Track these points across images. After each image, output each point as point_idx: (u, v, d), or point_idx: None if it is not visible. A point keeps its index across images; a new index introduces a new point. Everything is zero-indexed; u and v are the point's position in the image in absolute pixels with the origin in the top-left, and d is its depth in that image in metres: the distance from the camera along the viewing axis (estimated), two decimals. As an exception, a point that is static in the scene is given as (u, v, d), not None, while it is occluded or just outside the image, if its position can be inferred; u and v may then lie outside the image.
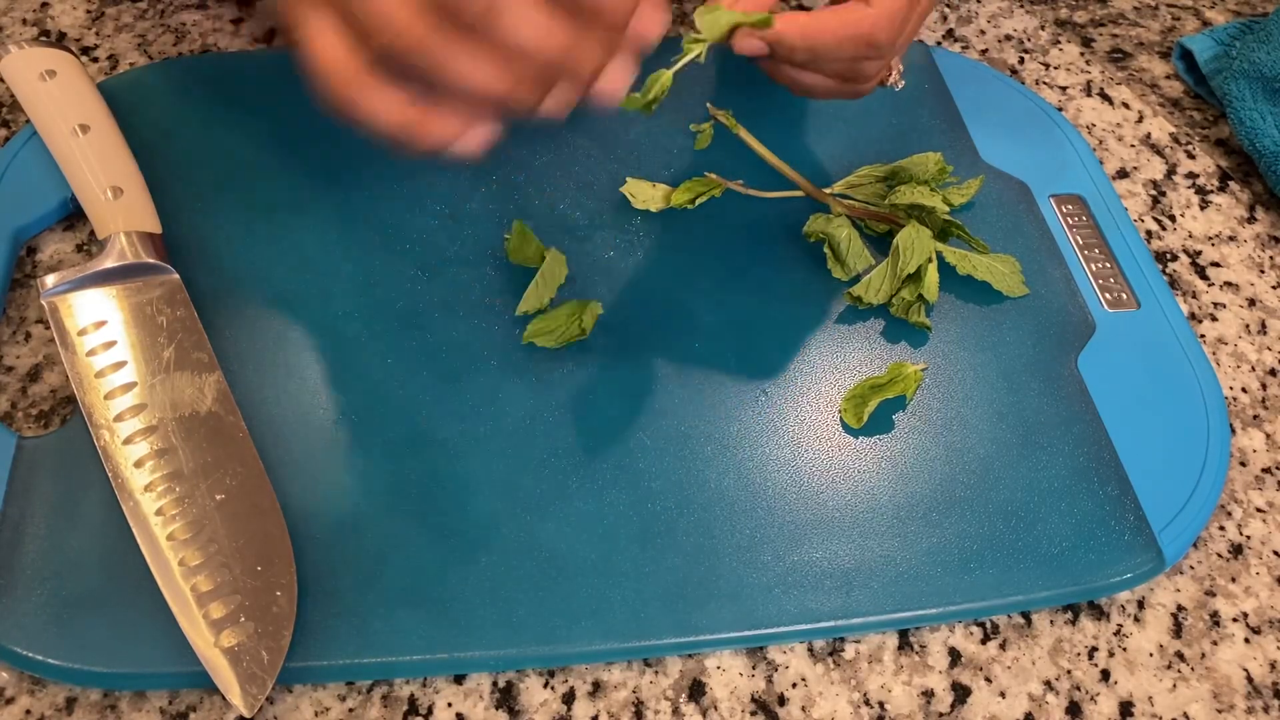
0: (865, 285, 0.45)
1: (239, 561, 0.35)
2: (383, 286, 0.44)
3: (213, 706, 0.35)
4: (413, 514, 0.38)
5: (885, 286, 0.44)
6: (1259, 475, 0.43)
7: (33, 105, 0.46)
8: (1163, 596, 0.40)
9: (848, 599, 0.37)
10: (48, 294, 0.41)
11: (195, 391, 0.39)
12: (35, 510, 0.37)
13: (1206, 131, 0.56)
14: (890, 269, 0.44)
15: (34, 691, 0.35)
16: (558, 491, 0.39)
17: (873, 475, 0.40)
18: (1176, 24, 0.62)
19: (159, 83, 0.50)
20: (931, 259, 0.44)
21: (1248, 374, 0.47)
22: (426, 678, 0.36)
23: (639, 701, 0.36)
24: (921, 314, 0.44)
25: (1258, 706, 0.38)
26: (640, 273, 0.46)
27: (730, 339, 0.44)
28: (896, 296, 0.44)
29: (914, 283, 0.44)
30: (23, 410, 0.41)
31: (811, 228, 0.46)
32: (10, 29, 0.54)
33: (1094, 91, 0.58)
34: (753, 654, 0.37)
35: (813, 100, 0.53)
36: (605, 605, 0.36)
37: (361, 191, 0.47)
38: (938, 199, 0.46)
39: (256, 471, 0.38)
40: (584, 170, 0.49)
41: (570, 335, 0.42)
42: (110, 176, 0.44)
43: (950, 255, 0.45)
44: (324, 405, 0.40)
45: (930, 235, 0.44)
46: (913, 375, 0.43)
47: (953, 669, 0.38)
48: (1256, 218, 0.53)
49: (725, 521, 0.39)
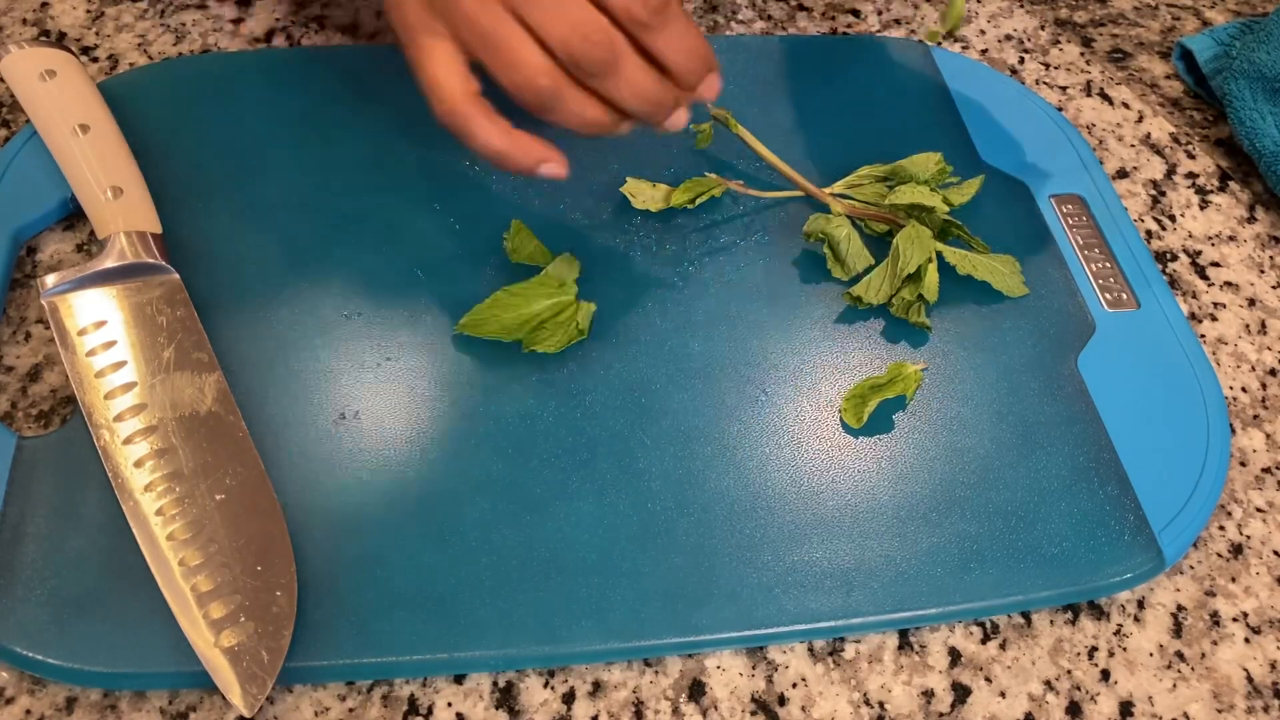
0: (865, 285, 0.45)
1: (239, 561, 0.35)
2: (383, 286, 0.44)
3: (213, 706, 0.35)
4: (413, 514, 0.38)
5: (885, 286, 0.44)
6: (1259, 475, 0.43)
7: (33, 105, 0.46)
8: (1163, 596, 0.40)
9: (848, 599, 0.37)
10: (48, 294, 0.41)
11: (195, 391, 0.39)
12: (35, 510, 0.37)
13: (1206, 131, 0.57)
14: (890, 269, 0.44)
15: (34, 691, 0.35)
16: (558, 491, 0.39)
17: (873, 475, 0.40)
18: (1176, 24, 0.62)
19: (159, 83, 0.50)
20: (931, 259, 0.44)
21: (1248, 374, 0.47)
22: (426, 678, 0.36)
23: (639, 701, 0.36)
24: (921, 314, 0.44)
25: (1258, 706, 0.38)
26: (640, 273, 0.46)
27: (730, 339, 0.44)
28: (896, 296, 0.44)
29: (914, 283, 0.44)
30: (23, 410, 0.41)
31: (811, 228, 0.46)
32: (10, 29, 0.54)
33: (1094, 91, 0.58)
34: (753, 654, 0.37)
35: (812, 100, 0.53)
36: (605, 605, 0.36)
37: (361, 191, 0.47)
38: (938, 199, 0.46)
39: (256, 471, 0.38)
40: (584, 170, 0.49)
41: (569, 338, 0.42)
42: (110, 176, 0.44)
43: (950, 255, 0.45)
44: (324, 405, 0.40)
45: (930, 235, 0.44)
46: (913, 375, 0.43)
47: (953, 669, 0.38)
48: (1256, 218, 0.53)
49: (725, 521, 0.39)
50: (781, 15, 0.59)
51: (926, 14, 0.60)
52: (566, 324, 0.42)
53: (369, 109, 0.50)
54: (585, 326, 0.42)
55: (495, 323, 0.42)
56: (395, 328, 0.43)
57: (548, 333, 0.42)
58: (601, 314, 0.44)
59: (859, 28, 0.59)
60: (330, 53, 0.53)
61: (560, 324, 0.42)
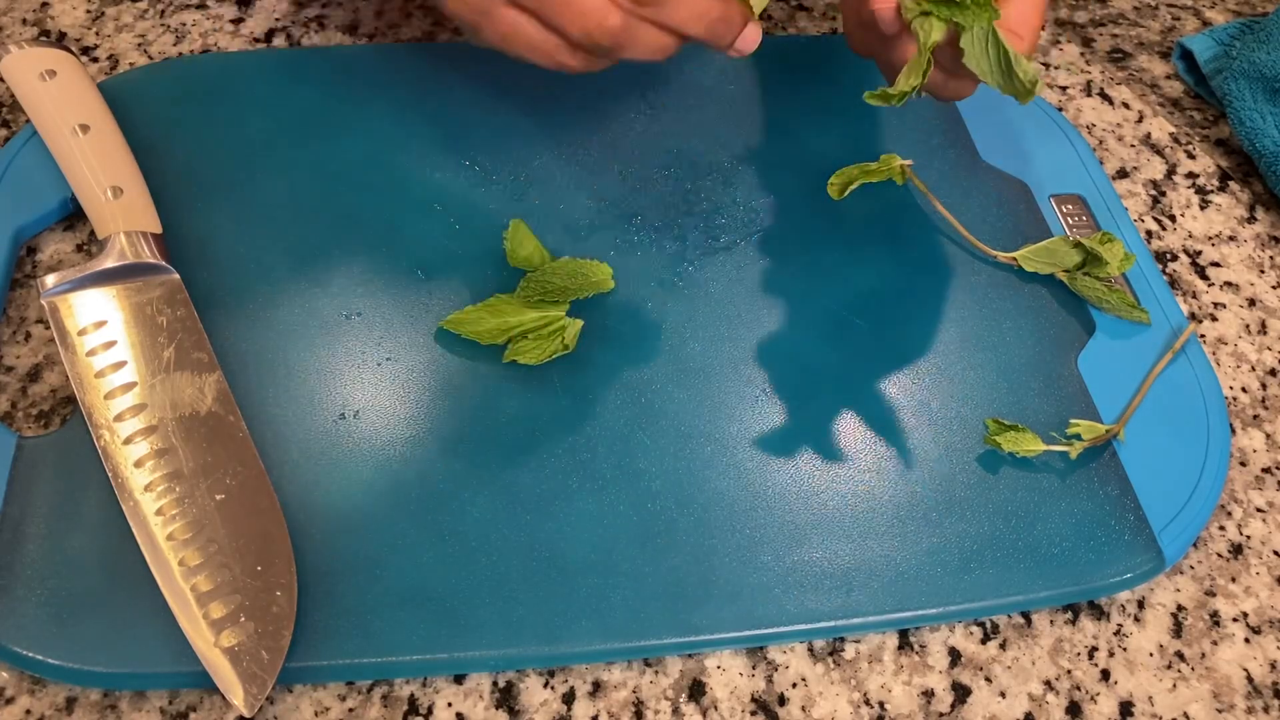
0: (899, 78, 0.40)
1: (239, 561, 0.35)
2: (383, 286, 0.44)
3: (213, 706, 0.35)
4: (413, 514, 0.38)
5: (912, 77, 0.39)
6: (1259, 475, 0.43)
7: (33, 105, 0.46)
8: (1163, 596, 0.40)
9: (848, 599, 0.37)
10: (48, 294, 0.41)
11: (195, 391, 0.39)
12: (35, 510, 0.37)
13: (1206, 131, 0.56)
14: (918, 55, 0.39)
15: (34, 691, 0.35)
16: (558, 491, 0.39)
17: (873, 475, 0.40)
18: (1176, 24, 0.62)
19: (159, 83, 0.50)
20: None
21: (1248, 374, 0.47)
22: (426, 678, 0.36)
23: (639, 701, 0.36)
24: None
25: (1258, 706, 0.38)
26: (640, 272, 0.46)
27: (730, 339, 0.44)
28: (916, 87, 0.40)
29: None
30: (23, 410, 0.41)
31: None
32: (10, 29, 0.54)
33: (1094, 91, 0.58)
34: (753, 654, 0.37)
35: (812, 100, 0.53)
36: (605, 605, 0.36)
37: (361, 191, 0.47)
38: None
39: (256, 471, 0.38)
40: (584, 170, 0.49)
41: (552, 351, 0.42)
42: (110, 176, 0.44)
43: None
44: (324, 405, 0.40)
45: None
46: (899, 168, 0.43)
47: (953, 669, 0.38)
48: (1256, 218, 0.53)
49: (725, 521, 0.39)
50: (781, 15, 0.59)
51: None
52: (550, 338, 0.42)
53: (369, 109, 0.50)
54: (571, 343, 0.42)
55: (477, 325, 0.42)
56: (395, 328, 0.43)
57: (529, 344, 0.41)
58: (601, 314, 0.44)
59: (859, 28, 0.59)
60: (330, 53, 0.53)
61: (544, 337, 0.42)
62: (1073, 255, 0.46)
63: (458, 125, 0.50)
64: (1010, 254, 0.46)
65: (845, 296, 0.45)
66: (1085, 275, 0.46)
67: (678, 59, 0.43)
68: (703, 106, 0.52)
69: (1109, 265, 0.45)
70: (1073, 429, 0.41)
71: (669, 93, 0.52)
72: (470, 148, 0.49)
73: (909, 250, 0.47)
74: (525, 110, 0.51)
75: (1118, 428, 0.41)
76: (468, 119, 0.50)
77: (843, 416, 0.42)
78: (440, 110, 0.50)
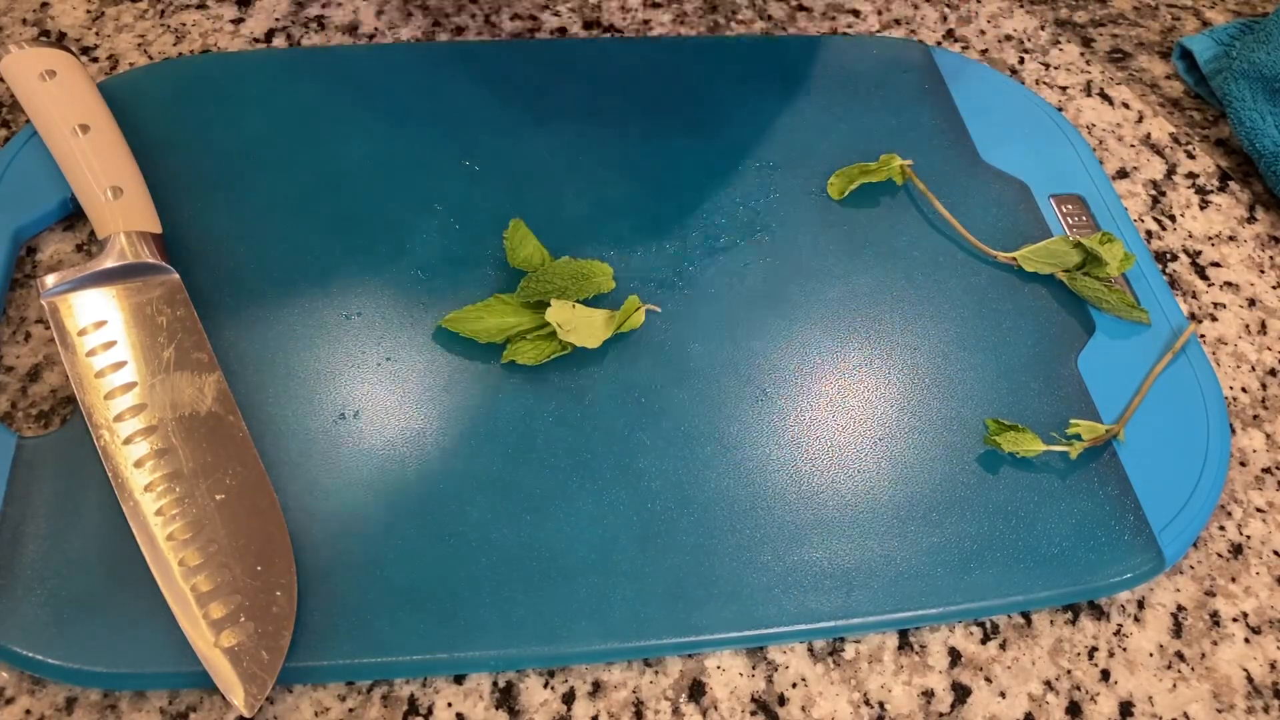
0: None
1: (239, 561, 0.35)
2: (383, 286, 0.44)
3: (213, 706, 0.35)
4: (413, 514, 0.38)
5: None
6: (1259, 475, 0.43)
7: (33, 105, 0.46)
8: (1163, 596, 0.40)
9: (848, 599, 0.37)
10: (48, 294, 0.41)
11: (195, 391, 0.39)
12: (35, 510, 0.37)
13: (1206, 131, 0.56)
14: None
15: (34, 691, 0.35)
16: (558, 491, 0.39)
17: (873, 475, 0.40)
18: (1176, 24, 0.62)
19: (159, 83, 0.50)
20: None
21: (1248, 374, 0.47)
22: (426, 678, 0.36)
23: (639, 701, 0.36)
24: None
25: (1258, 706, 0.38)
26: (640, 272, 0.45)
27: (730, 339, 0.44)
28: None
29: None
30: (23, 410, 0.41)
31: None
32: (10, 29, 0.54)
33: (1094, 91, 0.58)
34: (753, 654, 0.37)
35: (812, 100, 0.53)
36: (605, 605, 0.36)
37: (361, 191, 0.47)
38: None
39: (256, 471, 0.38)
40: (584, 170, 0.49)
41: (550, 352, 0.42)
42: (110, 176, 0.44)
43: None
44: (324, 405, 0.40)
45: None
46: (899, 168, 0.43)
47: (953, 669, 0.38)
48: (1256, 218, 0.53)
49: (725, 521, 0.39)
50: (781, 15, 0.59)
51: (926, 14, 0.60)
52: (548, 339, 0.42)
53: (369, 109, 0.50)
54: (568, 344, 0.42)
55: (475, 324, 0.42)
56: (395, 328, 0.43)
57: (527, 344, 0.41)
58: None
59: (859, 28, 0.59)
60: (330, 53, 0.53)
61: (541, 338, 0.42)
62: (1073, 255, 0.46)
63: (458, 125, 0.50)
64: (1010, 254, 0.46)
65: (845, 296, 0.46)
66: (1085, 275, 0.46)
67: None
68: (703, 106, 0.52)
69: (1109, 265, 0.46)
70: (1073, 429, 0.41)
71: (669, 92, 0.52)
72: (470, 148, 0.49)
73: (909, 250, 0.47)
74: (525, 110, 0.51)
75: (1118, 428, 0.41)
76: (468, 119, 0.50)
77: (843, 416, 0.42)
78: (440, 110, 0.50)
